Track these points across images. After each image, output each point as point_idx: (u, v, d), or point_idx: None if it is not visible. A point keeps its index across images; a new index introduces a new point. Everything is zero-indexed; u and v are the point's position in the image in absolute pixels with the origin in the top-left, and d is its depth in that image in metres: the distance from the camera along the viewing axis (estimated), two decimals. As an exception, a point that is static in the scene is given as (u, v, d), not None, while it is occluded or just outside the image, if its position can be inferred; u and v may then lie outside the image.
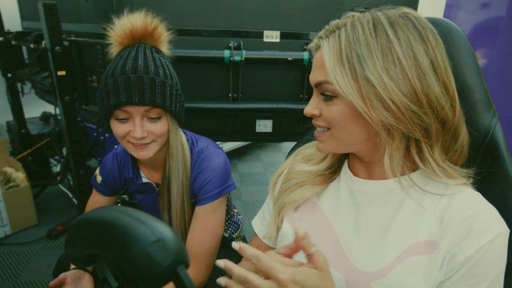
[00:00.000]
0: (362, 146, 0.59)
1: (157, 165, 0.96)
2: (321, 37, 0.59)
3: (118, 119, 0.84)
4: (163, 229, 0.37)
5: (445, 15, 2.20)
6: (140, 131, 0.82)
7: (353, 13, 0.57)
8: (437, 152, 0.55)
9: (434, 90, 0.52)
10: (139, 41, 0.87)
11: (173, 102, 0.86)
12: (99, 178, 1.03)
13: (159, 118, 0.85)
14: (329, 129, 0.60)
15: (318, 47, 0.59)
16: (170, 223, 0.95)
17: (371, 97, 0.51)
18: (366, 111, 0.52)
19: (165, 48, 0.92)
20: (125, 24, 0.85)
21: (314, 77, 0.59)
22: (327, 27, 0.59)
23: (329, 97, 0.57)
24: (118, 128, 0.84)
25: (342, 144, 0.59)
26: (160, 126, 0.86)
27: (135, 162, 0.99)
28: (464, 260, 0.51)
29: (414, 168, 0.58)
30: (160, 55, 0.88)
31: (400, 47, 0.52)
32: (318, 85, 0.58)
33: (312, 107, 0.60)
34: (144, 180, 0.99)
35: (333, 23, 0.58)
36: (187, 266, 0.37)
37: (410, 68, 0.51)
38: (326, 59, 0.55)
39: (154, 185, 0.99)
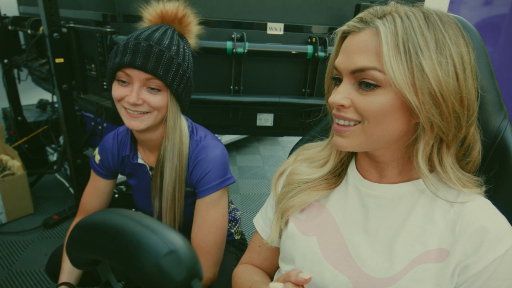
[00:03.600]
0: (389, 144, 0.55)
1: (153, 146, 0.96)
2: (363, 20, 0.52)
3: (119, 81, 0.86)
4: (175, 239, 0.35)
5: (449, 11, 2.17)
6: (135, 97, 0.83)
7: (393, 2, 0.53)
8: (450, 158, 0.53)
9: (472, 94, 0.50)
10: (167, 24, 0.90)
11: (177, 81, 0.86)
12: (97, 158, 1.03)
13: (158, 90, 0.86)
14: (357, 122, 0.54)
15: (358, 30, 0.53)
16: (160, 212, 0.95)
17: (424, 91, 0.48)
18: (418, 106, 0.48)
19: (192, 39, 0.96)
20: (158, 6, 0.90)
21: (354, 62, 0.51)
22: (371, 10, 0.53)
23: (370, 86, 0.50)
24: (116, 90, 0.86)
25: (371, 140, 0.53)
26: (158, 99, 0.86)
27: (134, 141, 1.00)
28: (477, 272, 0.50)
29: (430, 170, 0.56)
30: (181, 39, 0.91)
31: (452, 44, 0.49)
32: (358, 71, 0.51)
33: (341, 96, 0.53)
34: (140, 161, 0.99)
35: (378, 8, 0.53)
36: (201, 279, 0.35)
37: (459, 67, 0.49)
38: (384, 42, 0.48)
39: (148, 168, 0.99)
